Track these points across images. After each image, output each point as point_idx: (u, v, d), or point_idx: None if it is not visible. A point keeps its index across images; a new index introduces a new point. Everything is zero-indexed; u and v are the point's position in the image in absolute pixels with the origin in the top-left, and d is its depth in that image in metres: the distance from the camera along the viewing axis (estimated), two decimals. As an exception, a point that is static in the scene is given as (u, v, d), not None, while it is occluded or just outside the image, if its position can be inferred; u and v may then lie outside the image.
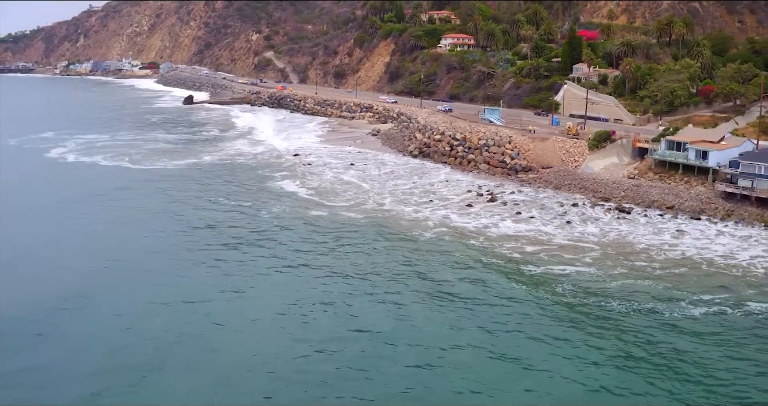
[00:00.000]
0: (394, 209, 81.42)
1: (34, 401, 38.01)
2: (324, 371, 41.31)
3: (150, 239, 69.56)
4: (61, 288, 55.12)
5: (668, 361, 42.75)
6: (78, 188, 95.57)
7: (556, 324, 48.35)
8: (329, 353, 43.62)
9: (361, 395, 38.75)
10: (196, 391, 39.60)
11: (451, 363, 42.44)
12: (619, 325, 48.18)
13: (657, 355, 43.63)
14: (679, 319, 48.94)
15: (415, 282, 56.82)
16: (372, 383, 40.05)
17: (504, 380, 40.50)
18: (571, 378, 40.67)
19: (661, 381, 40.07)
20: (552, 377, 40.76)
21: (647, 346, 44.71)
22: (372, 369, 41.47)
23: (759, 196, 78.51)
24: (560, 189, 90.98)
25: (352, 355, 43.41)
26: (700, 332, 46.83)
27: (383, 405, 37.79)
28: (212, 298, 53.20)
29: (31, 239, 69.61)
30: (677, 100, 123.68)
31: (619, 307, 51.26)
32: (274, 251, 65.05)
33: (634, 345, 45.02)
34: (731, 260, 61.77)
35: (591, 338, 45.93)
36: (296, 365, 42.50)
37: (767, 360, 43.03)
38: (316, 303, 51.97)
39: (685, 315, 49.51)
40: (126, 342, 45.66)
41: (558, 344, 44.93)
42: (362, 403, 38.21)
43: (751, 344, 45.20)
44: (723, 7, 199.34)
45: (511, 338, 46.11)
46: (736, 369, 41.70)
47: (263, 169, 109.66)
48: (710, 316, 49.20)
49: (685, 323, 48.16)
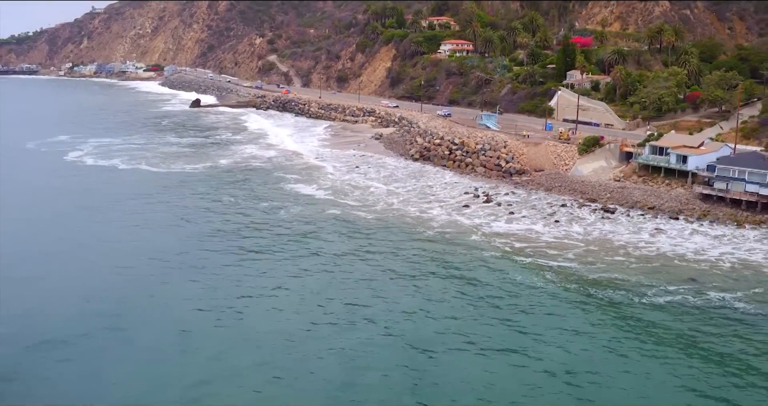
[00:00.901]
0: (402, 209, 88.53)
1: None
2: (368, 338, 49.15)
3: (184, 238, 75.92)
4: (116, 283, 61.74)
5: (628, 337, 50.34)
6: (105, 191, 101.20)
7: (540, 305, 55.87)
8: (368, 323, 51.78)
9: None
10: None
11: (453, 329, 50.27)
12: (592, 308, 55.38)
13: (620, 331, 51.31)
14: (645, 304, 55.96)
15: (424, 269, 64.98)
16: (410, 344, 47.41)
17: (498, 341, 48.28)
18: (550, 342, 49.07)
19: (615, 353, 48.03)
20: (535, 342, 49.28)
21: (613, 325, 52.24)
22: (403, 330, 48.53)
23: (733, 197, 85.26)
24: (551, 191, 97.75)
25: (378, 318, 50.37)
26: (661, 315, 53.86)
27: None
28: (249, 287, 60.16)
29: (78, 241, 74.98)
30: (665, 106, 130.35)
31: (594, 293, 58.26)
32: (299, 246, 72.45)
33: (602, 324, 52.61)
34: (701, 256, 68.60)
35: (568, 317, 53.58)
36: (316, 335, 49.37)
37: (717, 341, 49.73)
38: (346, 286, 60.48)
39: (651, 302, 56.45)
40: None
41: (542, 321, 52.71)
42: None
43: (704, 327, 51.99)
44: (713, 14, 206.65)
45: (505, 313, 54.16)
46: (686, 348, 48.77)
47: (278, 171, 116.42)
48: (673, 303, 56.12)
49: (649, 308, 55.19)
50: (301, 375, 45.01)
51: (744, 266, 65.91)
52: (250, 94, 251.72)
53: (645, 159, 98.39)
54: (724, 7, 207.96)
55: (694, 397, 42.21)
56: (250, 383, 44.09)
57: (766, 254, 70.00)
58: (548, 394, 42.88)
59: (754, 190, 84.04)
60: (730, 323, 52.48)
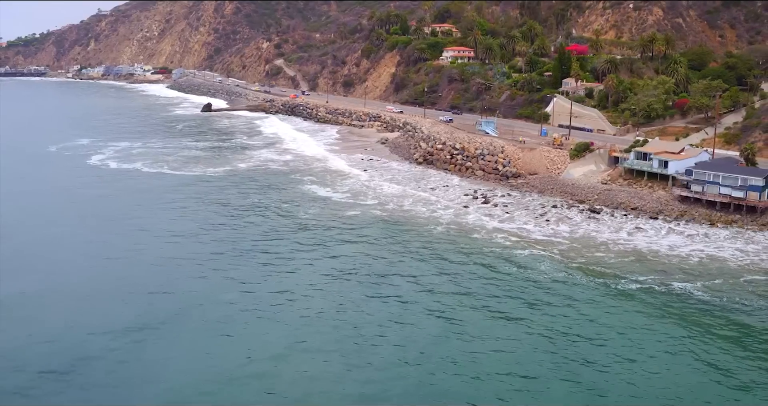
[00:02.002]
0: (412, 209, 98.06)
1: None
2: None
3: (216, 235, 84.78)
4: (170, 274, 70.79)
5: (599, 317, 59.75)
6: (137, 195, 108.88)
7: (531, 290, 65.25)
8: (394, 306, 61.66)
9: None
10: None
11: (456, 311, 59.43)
12: (572, 294, 64.48)
13: (592, 311, 60.93)
14: (616, 291, 65.22)
15: (434, 259, 75.29)
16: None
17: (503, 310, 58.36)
18: (532, 320, 58.50)
19: (583, 327, 57.64)
20: (520, 322, 58.62)
21: (587, 307, 61.65)
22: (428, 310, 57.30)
23: (708, 199, 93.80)
24: (544, 193, 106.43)
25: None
26: (628, 301, 63.12)
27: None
28: (288, 274, 69.83)
29: (129, 241, 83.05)
30: (653, 113, 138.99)
31: (574, 281, 67.28)
32: (321, 241, 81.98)
33: (579, 303, 62.32)
34: (672, 252, 77.26)
35: (551, 298, 63.30)
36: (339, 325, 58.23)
37: (674, 322, 58.55)
38: (367, 275, 70.05)
39: (622, 289, 65.70)
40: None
41: (530, 303, 62.23)
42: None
43: (665, 310, 60.83)
44: (705, 22, 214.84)
45: (500, 299, 63.73)
46: (646, 327, 57.77)
47: (294, 174, 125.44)
48: (640, 290, 65.15)
49: (619, 294, 64.45)
50: (338, 351, 53.86)
51: (711, 261, 74.58)
52: (259, 98, 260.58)
53: (630, 164, 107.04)
54: (715, 15, 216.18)
55: (641, 357, 51.45)
56: (292, 360, 52.73)
57: (733, 251, 78.64)
58: (535, 347, 53.66)
59: (727, 193, 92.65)
60: (687, 307, 61.55)
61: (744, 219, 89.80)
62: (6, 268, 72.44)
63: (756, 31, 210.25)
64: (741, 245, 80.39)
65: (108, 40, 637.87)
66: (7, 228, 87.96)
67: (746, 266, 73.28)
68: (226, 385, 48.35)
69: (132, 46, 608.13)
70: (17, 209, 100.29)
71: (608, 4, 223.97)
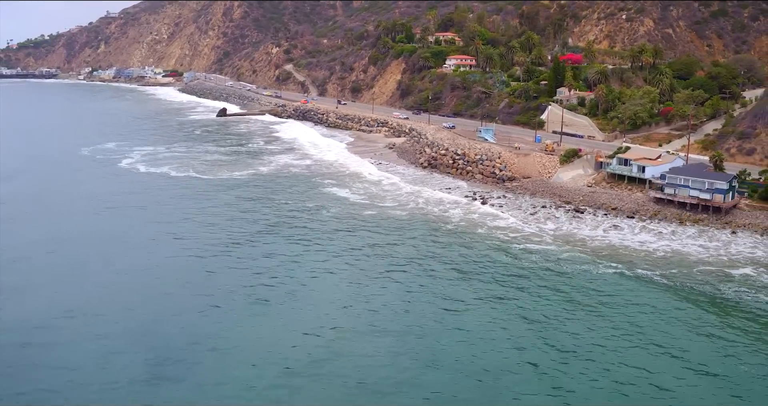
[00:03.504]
0: (425, 208, 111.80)
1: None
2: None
3: (249, 233, 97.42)
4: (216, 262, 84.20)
5: (575, 293, 73.14)
6: (170, 197, 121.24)
7: (521, 273, 78.66)
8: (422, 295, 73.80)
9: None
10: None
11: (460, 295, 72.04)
12: (552, 278, 77.71)
13: (572, 290, 74.21)
14: (588, 276, 78.66)
15: (451, 247, 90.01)
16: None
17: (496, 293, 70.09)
18: (521, 305, 70.80)
19: (563, 302, 70.34)
20: (512, 300, 71.20)
21: (566, 286, 75.25)
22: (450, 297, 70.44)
23: (679, 200, 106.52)
24: (535, 195, 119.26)
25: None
26: (598, 283, 76.40)
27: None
28: (306, 269, 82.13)
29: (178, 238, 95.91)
30: (639, 121, 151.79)
31: (553, 268, 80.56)
32: (344, 236, 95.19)
33: (556, 286, 75.17)
34: (642, 246, 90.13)
35: (535, 283, 75.58)
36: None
37: (632, 300, 71.66)
38: (393, 260, 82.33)
39: (593, 274, 79.14)
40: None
41: (520, 286, 74.85)
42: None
43: (626, 291, 74.11)
44: (693, 32, 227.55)
45: (497, 281, 76.88)
46: (607, 303, 71.00)
47: (315, 178, 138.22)
48: (608, 276, 78.54)
49: (590, 278, 77.90)
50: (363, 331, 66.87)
51: (674, 254, 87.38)
52: (271, 103, 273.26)
53: (613, 169, 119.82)
54: (703, 25, 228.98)
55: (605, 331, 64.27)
56: (322, 336, 65.63)
57: (697, 247, 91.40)
58: (524, 317, 66.91)
59: (696, 195, 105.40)
60: (648, 291, 74.80)
61: (710, 218, 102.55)
62: (103, 259, 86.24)
63: (742, 41, 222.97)
64: (703, 242, 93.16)
65: (118, 43, 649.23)
66: (86, 227, 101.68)
67: (703, 258, 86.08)
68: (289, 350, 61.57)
69: (141, 48, 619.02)
70: (82, 212, 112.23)
71: (602, 15, 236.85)
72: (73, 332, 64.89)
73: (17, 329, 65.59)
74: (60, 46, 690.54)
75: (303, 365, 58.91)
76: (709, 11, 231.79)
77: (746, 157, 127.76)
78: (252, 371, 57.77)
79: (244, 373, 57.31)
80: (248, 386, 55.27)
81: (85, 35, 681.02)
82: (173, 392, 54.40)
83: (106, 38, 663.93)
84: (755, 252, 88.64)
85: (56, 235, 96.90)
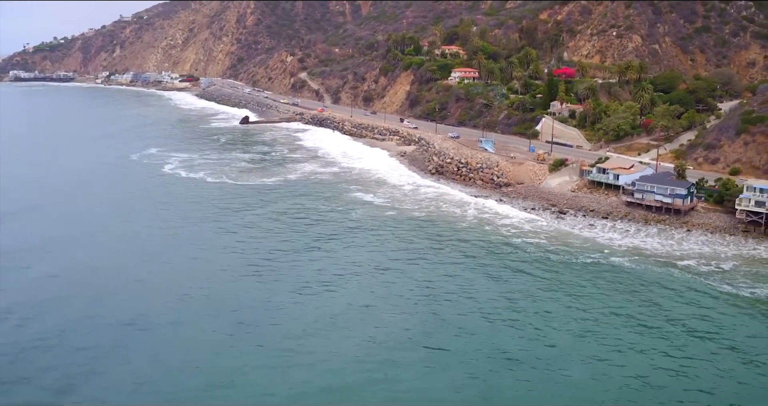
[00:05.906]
0: (439, 209, 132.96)
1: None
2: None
3: (285, 232, 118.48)
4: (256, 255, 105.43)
5: (549, 274, 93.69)
6: (212, 200, 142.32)
7: (517, 261, 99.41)
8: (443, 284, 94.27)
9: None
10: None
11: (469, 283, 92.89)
12: (539, 264, 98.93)
13: (549, 272, 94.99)
14: (567, 262, 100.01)
15: (464, 239, 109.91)
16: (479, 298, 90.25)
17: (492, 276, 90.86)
18: (515, 287, 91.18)
19: (542, 282, 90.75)
20: (511, 281, 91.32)
21: (545, 270, 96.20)
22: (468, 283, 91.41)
23: (647, 203, 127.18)
24: (527, 198, 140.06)
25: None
26: (575, 269, 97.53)
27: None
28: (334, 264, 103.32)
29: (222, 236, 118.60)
30: (621, 132, 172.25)
31: (540, 257, 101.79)
32: (369, 235, 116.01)
33: (538, 269, 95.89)
34: (609, 242, 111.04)
35: (524, 268, 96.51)
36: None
37: (600, 282, 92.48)
38: (411, 257, 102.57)
39: (570, 261, 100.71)
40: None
41: (516, 269, 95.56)
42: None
43: (597, 276, 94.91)
44: (678, 47, 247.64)
45: (500, 268, 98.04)
46: (580, 284, 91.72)
47: (341, 183, 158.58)
48: (582, 264, 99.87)
49: (568, 264, 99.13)
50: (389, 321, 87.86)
51: (633, 248, 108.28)
52: (289, 111, 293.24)
53: (593, 177, 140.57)
54: (687, 41, 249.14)
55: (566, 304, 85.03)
56: (348, 323, 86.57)
57: (657, 243, 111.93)
58: (512, 298, 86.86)
59: (660, 199, 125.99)
60: (615, 275, 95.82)
61: (671, 219, 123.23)
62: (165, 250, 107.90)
63: (723, 56, 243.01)
64: (661, 239, 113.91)
65: (133, 47, 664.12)
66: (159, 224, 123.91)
67: (656, 252, 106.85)
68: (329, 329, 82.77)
69: (157, 53, 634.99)
70: (155, 212, 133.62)
71: (595, 31, 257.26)
72: (180, 298, 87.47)
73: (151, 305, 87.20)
74: (76, 50, 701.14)
75: (349, 321, 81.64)
76: (693, 28, 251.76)
77: (711, 166, 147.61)
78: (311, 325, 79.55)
79: (307, 326, 79.49)
80: (307, 334, 76.87)
81: (100, 39, 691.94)
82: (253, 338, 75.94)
83: (121, 42, 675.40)
84: (702, 248, 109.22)
85: (176, 232, 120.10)
